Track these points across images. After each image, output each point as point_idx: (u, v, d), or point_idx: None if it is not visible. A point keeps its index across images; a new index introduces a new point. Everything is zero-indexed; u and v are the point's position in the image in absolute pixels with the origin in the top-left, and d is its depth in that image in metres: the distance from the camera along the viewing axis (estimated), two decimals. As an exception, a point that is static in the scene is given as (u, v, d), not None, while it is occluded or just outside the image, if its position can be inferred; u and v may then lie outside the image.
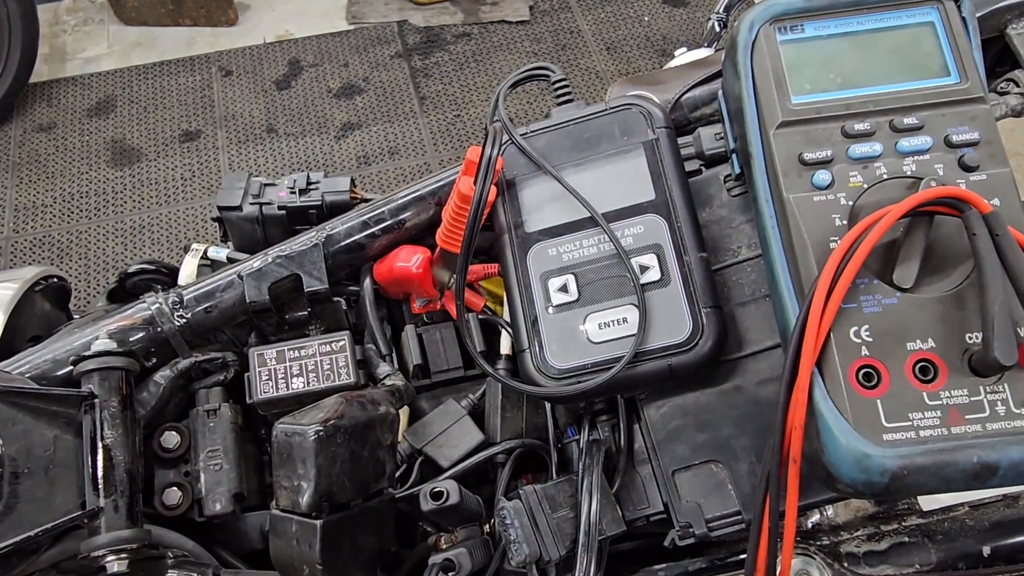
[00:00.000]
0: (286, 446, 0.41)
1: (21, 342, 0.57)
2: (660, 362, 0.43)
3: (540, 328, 0.46)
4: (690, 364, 0.43)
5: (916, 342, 0.38)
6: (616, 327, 0.45)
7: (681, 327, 0.44)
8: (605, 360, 0.44)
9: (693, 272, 0.45)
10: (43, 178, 2.13)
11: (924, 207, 0.39)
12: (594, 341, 0.45)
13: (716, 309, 0.44)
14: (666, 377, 0.44)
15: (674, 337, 0.44)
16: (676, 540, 0.46)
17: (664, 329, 0.44)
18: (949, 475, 0.36)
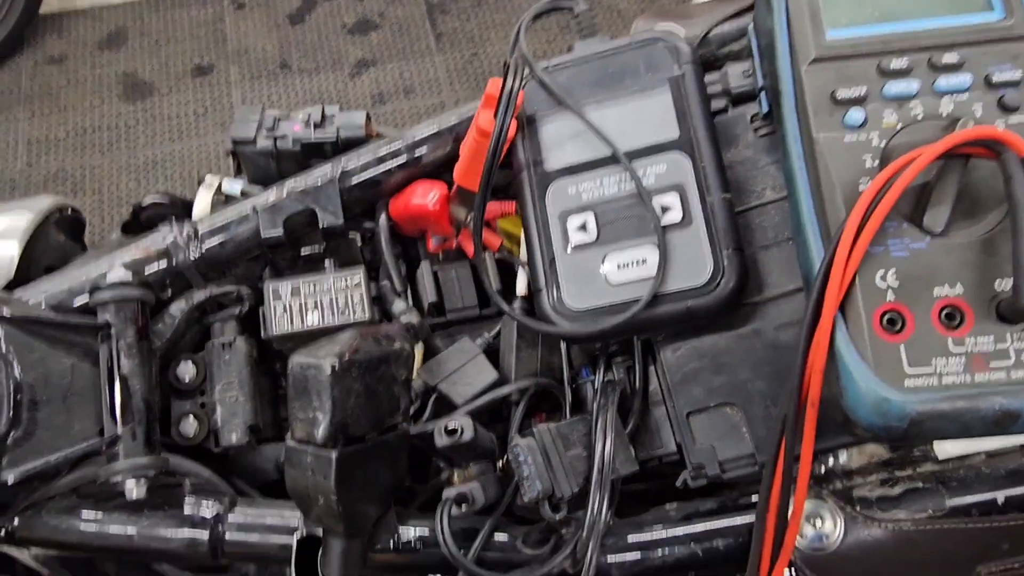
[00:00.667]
0: (301, 379, 0.41)
1: (36, 273, 0.57)
2: (679, 304, 0.43)
3: (557, 268, 0.45)
4: (710, 307, 0.43)
5: (943, 287, 0.37)
6: (635, 268, 0.44)
7: (702, 269, 0.43)
8: (623, 301, 0.43)
9: (716, 213, 0.44)
10: (55, 111, 2.12)
11: (960, 148, 0.37)
12: (612, 282, 0.44)
13: (738, 251, 0.43)
14: (685, 320, 0.43)
15: (694, 279, 0.43)
16: (688, 481, 0.46)
17: (684, 271, 0.43)
18: (970, 421, 0.36)
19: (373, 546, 0.47)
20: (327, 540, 0.44)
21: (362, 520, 0.44)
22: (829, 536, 0.43)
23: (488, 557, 0.46)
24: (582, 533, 0.43)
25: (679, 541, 0.46)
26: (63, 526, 0.48)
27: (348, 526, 0.43)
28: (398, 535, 0.47)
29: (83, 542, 0.48)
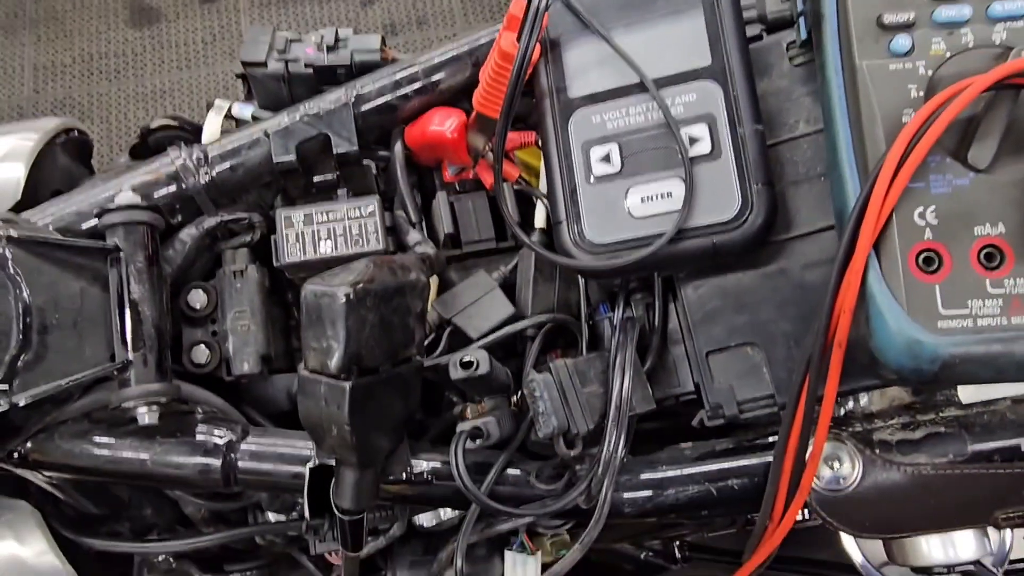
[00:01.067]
0: (315, 307, 0.40)
1: (44, 196, 0.56)
2: (704, 240, 0.41)
3: (579, 199, 0.43)
4: (736, 243, 0.41)
5: (985, 226, 0.36)
6: (660, 201, 0.42)
7: (729, 204, 0.41)
8: (646, 236, 0.42)
9: (746, 145, 0.42)
10: (61, 36, 2.07)
11: (1011, 79, 0.35)
12: (635, 215, 0.42)
13: (768, 186, 0.42)
14: (710, 256, 0.42)
15: (721, 214, 0.41)
16: (705, 420, 0.45)
17: (711, 205, 0.41)
18: (1004, 365, 0.35)
19: (386, 477, 0.47)
20: (339, 470, 0.44)
21: (375, 451, 0.44)
22: (846, 478, 0.42)
23: (501, 491, 0.46)
24: (597, 470, 0.42)
25: (693, 480, 0.45)
26: (76, 450, 0.48)
27: (361, 456, 0.43)
28: (411, 467, 0.47)
29: (96, 467, 0.48)
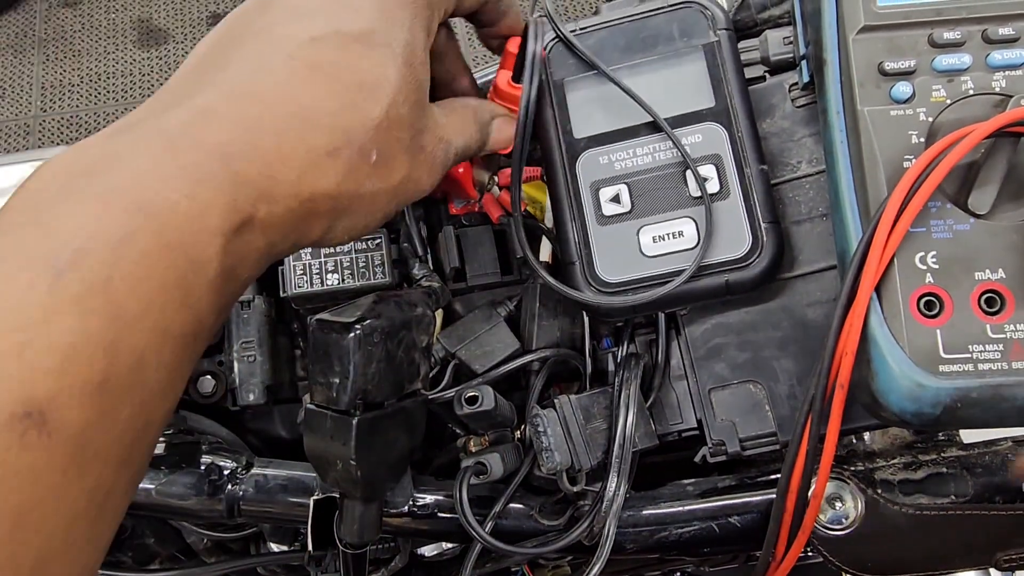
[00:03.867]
0: (323, 343, 0.40)
1: (54, 223, 0.56)
2: (718, 278, 0.42)
3: (591, 240, 0.44)
4: (747, 281, 0.42)
5: (985, 272, 0.36)
6: (672, 240, 0.43)
7: (740, 242, 0.42)
8: (660, 274, 0.43)
9: (753, 185, 0.42)
10: (69, 56, 2.10)
11: (1012, 127, 0.36)
12: (648, 254, 0.43)
13: (775, 224, 0.42)
14: (722, 293, 0.42)
15: (733, 252, 0.42)
16: (707, 456, 0.46)
17: (723, 244, 0.42)
18: (1004, 410, 0.35)
19: (388, 510, 0.47)
20: (344, 503, 0.44)
21: (379, 484, 0.44)
22: (848, 517, 0.43)
23: (504, 526, 0.46)
24: (600, 507, 0.42)
25: (696, 516, 0.45)
26: (81, 479, 0.48)
27: (365, 490, 0.43)
28: (414, 500, 0.47)
29: (101, 495, 0.48)
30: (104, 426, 0.25)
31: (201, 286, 0.27)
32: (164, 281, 0.26)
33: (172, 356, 0.27)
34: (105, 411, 0.25)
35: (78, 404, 0.24)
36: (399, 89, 0.32)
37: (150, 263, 0.26)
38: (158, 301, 0.26)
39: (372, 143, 0.32)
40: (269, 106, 0.30)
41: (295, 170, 0.30)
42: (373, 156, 0.32)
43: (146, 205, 0.26)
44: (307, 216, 0.31)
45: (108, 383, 0.25)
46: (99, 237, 0.25)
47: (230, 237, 0.28)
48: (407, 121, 0.33)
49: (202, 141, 0.28)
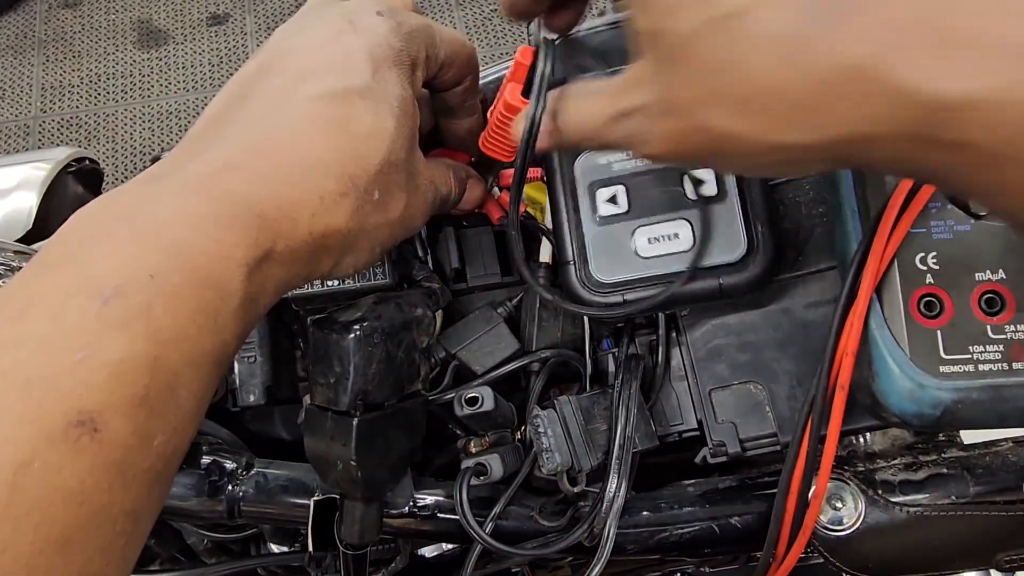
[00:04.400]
0: (323, 343, 0.40)
1: (55, 225, 0.56)
2: (711, 280, 0.42)
3: (586, 241, 0.44)
4: (742, 284, 0.42)
5: (986, 272, 0.36)
6: (667, 242, 0.43)
7: (735, 245, 0.42)
8: (653, 276, 0.43)
9: (751, 188, 0.42)
10: (69, 57, 2.10)
11: (1011, 129, 0.36)
12: (643, 256, 0.43)
13: (772, 228, 0.42)
14: (716, 296, 0.42)
15: (727, 255, 0.42)
16: (708, 457, 0.46)
17: (717, 246, 0.42)
18: (1005, 411, 0.35)
19: (389, 511, 0.47)
20: (344, 504, 0.44)
21: (380, 485, 0.44)
22: (849, 518, 0.43)
23: (504, 526, 0.46)
24: (601, 508, 0.42)
25: (696, 518, 0.45)
26: (81, 480, 0.48)
27: (366, 491, 0.43)
28: (414, 500, 0.47)
29: (101, 496, 0.48)
30: (144, 445, 0.28)
31: (227, 313, 0.30)
32: (195, 309, 0.29)
33: (201, 380, 0.30)
34: (146, 428, 0.27)
35: (123, 416, 0.27)
36: (396, 136, 0.36)
37: (183, 294, 0.29)
38: (191, 327, 0.29)
39: (374, 184, 0.35)
40: (286, 158, 0.33)
41: (310, 211, 0.33)
42: (376, 195, 0.36)
43: (177, 245, 0.29)
44: (319, 250, 0.34)
45: (149, 399, 0.27)
46: (138, 272, 0.28)
47: (252, 269, 0.31)
48: (403, 164, 0.37)
49: (226, 190, 0.31)
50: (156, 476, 0.29)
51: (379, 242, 0.38)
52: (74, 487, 0.25)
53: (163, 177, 0.32)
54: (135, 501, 0.28)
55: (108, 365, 0.26)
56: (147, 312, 0.28)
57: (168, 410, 0.28)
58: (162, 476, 0.29)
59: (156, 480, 0.29)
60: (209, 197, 0.31)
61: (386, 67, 0.37)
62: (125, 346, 0.27)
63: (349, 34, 0.37)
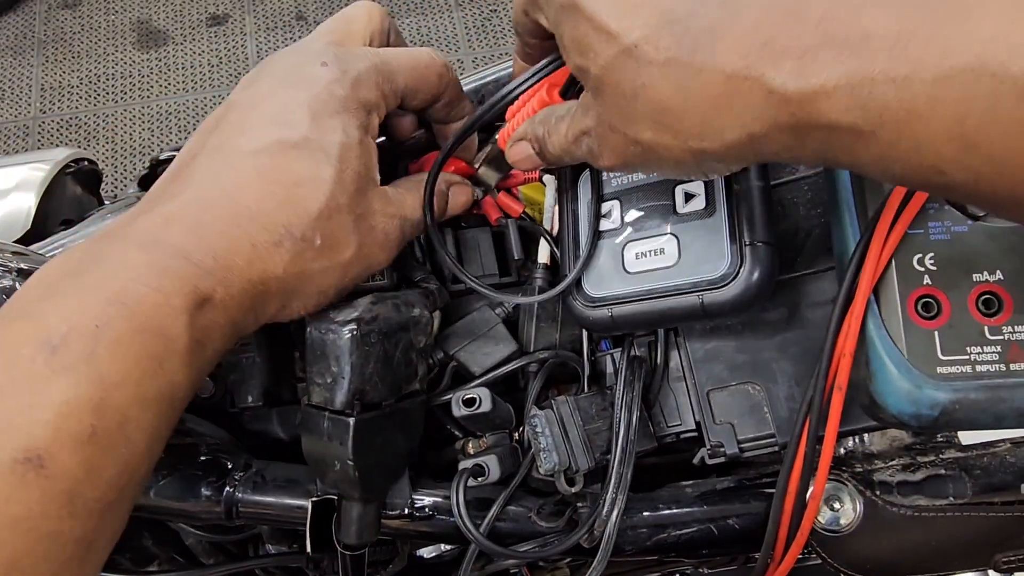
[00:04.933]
0: (320, 343, 0.40)
1: (53, 225, 0.56)
2: (692, 298, 0.41)
3: (581, 255, 0.44)
4: (724, 302, 0.40)
5: (983, 273, 0.36)
6: (653, 257, 0.43)
7: (718, 261, 0.40)
8: (637, 291, 0.42)
9: (745, 203, 0.41)
10: (69, 58, 2.10)
11: (1009, 129, 0.36)
12: (630, 271, 0.43)
13: (765, 245, 0.40)
14: (699, 315, 0.41)
15: (710, 272, 0.40)
16: (706, 458, 0.46)
17: (700, 263, 0.41)
18: (1002, 412, 0.35)
19: (386, 512, 0.47)
20: (342, 504, 0.44)
21: (377, 485, 0.44)
22: (847, 519, 0.43)
23: (502, 528, 0.46)
24: (601, 510, 0.42)
25: (694, 519, 0.45)
26: (79, 480, 0.48)
27: (364, 491, 0.43)
28: (412, 501, 0.47)
29: (98, 497, 0.48)
30: (93, 478, 0.30)
31: (173, 357, 0.33)
32: (139, 353, 0.31)
33: (151, 419, 0.32)
34: (94, 463, 0.30)
35: (70, 452, 0.29)
36: (335, 183, 0.38)
37: (126, 340, 0.31)
38: (135, 370, 0.31)
39: (314, 231, 0.37)
40: (217, 210, 0.36)
41: (244, 259, 0.35)
42: (317, 241, 0.38)
43: (119, 296, 0.32)
44: (261, 296, 0.37)
45: (96, 436, 0.30)
46: (83, 323, 0.31)
47: (193, 314, 0.33)
48: (347, 208, 0.39)
49: (164, 242, 0.34)
50: (108, 506, 0.31)
51: (330, 285, 0.40)
52: (21, 515, 0.28)
53: (113, 233, 0.35)
54: (86, 529, 0.30)
55: (54, 406, 0.29)
56: (91, 358, 0.30)
57: (118, 446, 0.31)
58: (115, 506, 0.31)
59: (108, 510, 0.31)
60: (148, 249, 0.34)
61: (326, 116, 0.39)
62: (70, 389, 0.30)
63: (290, 87, 0.39)
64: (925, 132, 0.25)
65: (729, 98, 0.28)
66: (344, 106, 0.39)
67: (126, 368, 0.31)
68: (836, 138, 0.27)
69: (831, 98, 0.26)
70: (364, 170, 0.40)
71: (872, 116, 0.25)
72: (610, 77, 0.31)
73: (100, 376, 0.30)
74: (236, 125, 0.39)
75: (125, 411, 0.31)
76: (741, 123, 0.28)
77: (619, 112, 0.32)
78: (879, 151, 0.26)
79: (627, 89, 0.31)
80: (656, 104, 0.30)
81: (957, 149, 0.24)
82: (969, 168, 0.25)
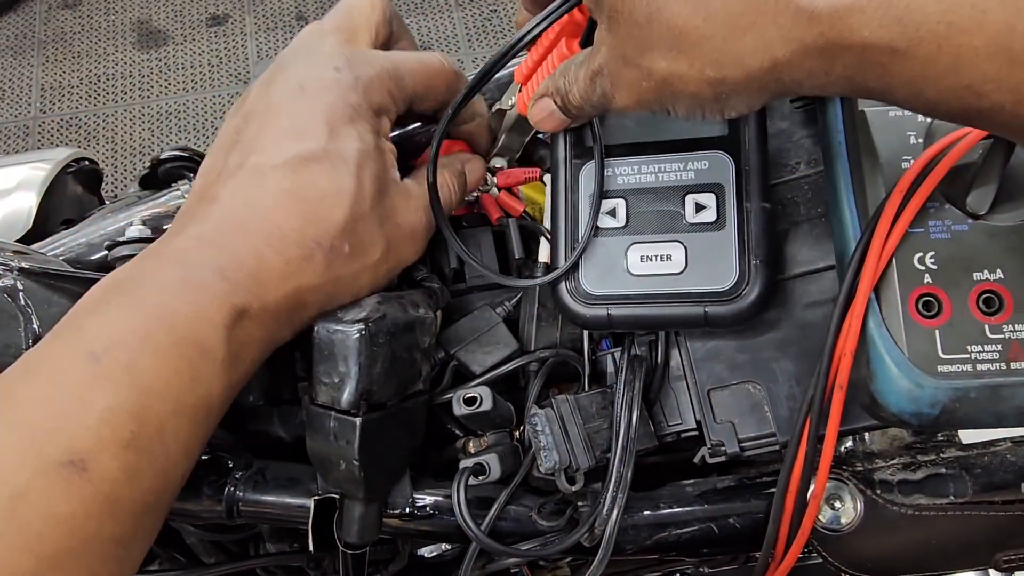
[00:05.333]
0: (328, 342, 0.40)
1: (54, 225, 0.56)
2: (696, 308, 0.41)
3: (579, 245, 0.44)
4: (727, 315, 0.41)
5: (983, 272, 0.36)
6: (658, 262, 0.43)
7: (725, 275, 0.41)
8: (639, 294, 0.43)
9: (751, 221, 0.42)
10: (69, 58, 2.10)
11: (1009, 129, 0.36)
12: (633, 273, 0.43)
13: (768, 265, 0.41)
14: (700, 324, 0.42)
15: (717, 285, 0.41)
16: (706, 457, 0.46)
17: (707, 274, 0.42)
18: (1003, 411, 0.35)
19: (387, 511, 0.47)
20: (345, 503, 0.44)
21: (381, 485, 0.44)
22: (847, 518, 0.43)
23: (502, 527, 0.46)
24: (602, 509, 0.42)
25: (695, 518, 0.45)
26: (80, 480, 0.48)
27: (367, 491, 0.43)
28: (413, 500, 0.47)
29: (100, 496, 0.48)
30: (132, 482, 0.31)
31: (210, 368, 0.34)
32: (178, 365, 0.33)
33: (188, 427, 0.34)
34: (133, 468, 0.31)
35: (111, 457, 0.31)
36: (357, 191, 0.39)
37: (165, 352, 0.33)
38: (174, 380, 0.33)
39: (342, 240, 0.38)
40: (248, 231, 0.37)
41: (278, 275, 0.37)
42: (346, 249, 0.39)
43: (159, 311, 0.33)
44: (297, 306, 0.38)
45: (136, 442, 0.31)
46: (125, 335, 0.32)
47: (230, 328, 0.35)
48: (371, 214, 0.40)
49: (199, 261, 0.35)
50: (146, 509, 0.32)
51: (363, 286, 0.41)
52: (65, 515, 0.29)
53: (150, 254, 0.37)
54: (124, 530, 0.31)
55: (97, 413, 0.31)
56: (132, 368, 0.32)
57: (156, 453, 0.32)
58: (152, 509, 0.33)
59: (146, 512, 0.32)
60: (184, 268, 0.35)
61: (342, 124, 0.39)
62: (112, 397, 0.31)
63: (305, 97, 0.39)
64: (968, 46, 0.23)
65: (752, 18, 0.26)
66: (358, 113, 0.40)
67: (165, 378, 0.32)
68: (868, 58, 0.25)
69: (865, 13, 0.24)
70: (383, 173, 0.41)
71: (909, 31, 0.23)
72: (625, 3, 0.29)
73: (140, 385, 0.32)
74: (255, 140, 0.39)
75: (164, 419, 0.32)
76: (765, 46, 0.26)
77: (633, 42, 0.30)
78: (914, 71, 0.24)
79: (640, 15, 0.29)
80: (672, 28, 0.28)
81: (1001, 65, 0.22)
82: (1012, 87, 0.23)
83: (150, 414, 0.32)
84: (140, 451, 0.31)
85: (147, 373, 0.32)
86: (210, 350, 0.34)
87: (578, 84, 0.36)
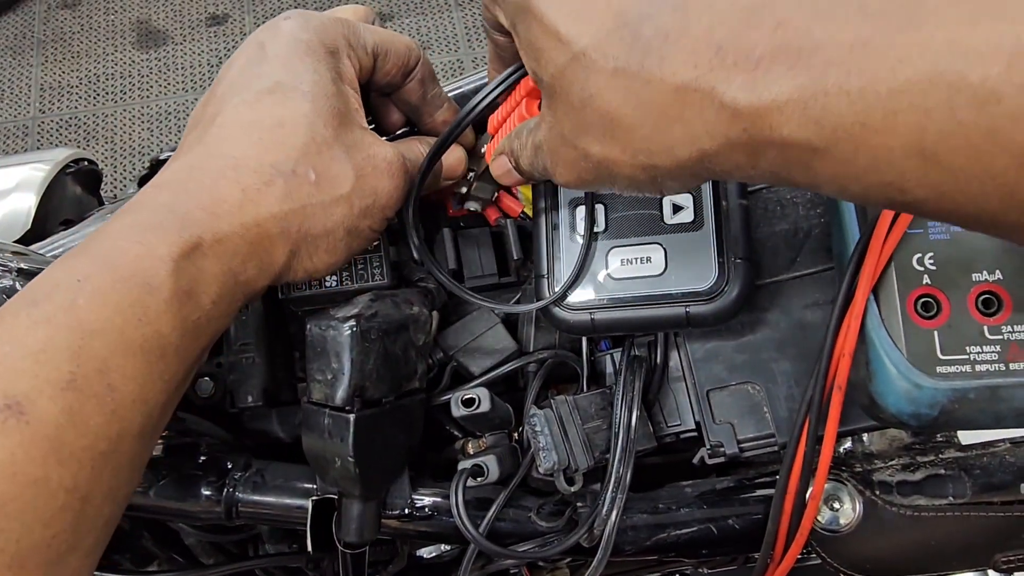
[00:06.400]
0: (320, 339, 0.40)
1: (53, 225, 0.56)
2: (678, 308, 0.42)
3: (561, 255, 0.44)
4: (708, 314, 0.41)
5: (982, 273, 0.36)
6: (638, 265, 0.43)
7: (705, 275, 0.42)
8: (620, 298, 0.43)
9: (729, 220, 0.42)
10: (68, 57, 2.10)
11: (1008, 129, 0.36)
12: (614, 277, 0.43)
13: (747, 262, 0.42)
14: (682, 324, 0.42)
15: (697, 284, 0.42)
16: (706, 458, 0.46)
17: (687, 274, 0.42)
18: (1002, 412, 0.35)
19: (386, 512, 0.47)
20: (343, 502, 0.44)
21: (378, 483, 0.44)
22: (847, 519, 0.43)
23: (501, 528, 0.46)
24: (601, 510, 0.42)
25: (694, 519, 0.45)
26: (79, 480, 0.48)
27: (364, 489, 0.43)
28: (412, 500, 0.47)
29: (98, 497, 0.48)
30: (77, 425, 0.30)
31: (157, 305, 0.33)
32: (119, 302, 0.32)
33: (137, 367, 0.32)
34: (76, 409, 0.30)
35: (49, 398, 0.30)
36: (316, 116, 0.38)
37: (106, 289, 0.32)
38: (116, 318, 0.32)
39: (304, 165, 0.38)
40: (203, 167, 0.37)
41: (234, 204, 0.36)
42: (311, 175, 0.38)
43: (103, 253, 0.33)
44: (259, 238, 0.36)
45: (76, 383, 0.30)
46: (65, 279, 0.32)
47: (179, 263, 0.33)
48: (336, 141, 0.39)
49: (153, 205, 0.35)
50: (100, 456, 0.31)
51: (337, 223, 0.39)
52: (4, 460, 0.28)
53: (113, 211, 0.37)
54: (77, 479, 0.30)
55: (32, 355, 0.30)
56: (70, 308, 0.31)
57: (101, 394, 0.31)
58: (109, 458, 0.31)
59: (100, 460, 0.31)
60: (135, 212, 0.35)
61: (296, 59, 0.39)
62: (47, 337, 0.30)
63: (259, 46, 0.41)
64: (883, 147, 0.23)
65: (680, 110, 0.26)
66: (310, 48, 0.40)
67: (105, 316, 0.31)
68: (791, 156, 0.25)
69: (783, 113, 0.24)
70: (344, 108, 0.40)
71: (827, 131, 0.24)
72: (560, 85, 0.30)
73: (78, 325, 0.31)
74: (218, 95, 0.40)
75: (106, 359, 0.31)
76: (692, 138, 0.27)
77: (569, 123, 0.30)
78: (835, 169, 0.25)
79: (576, 99, 0.29)
80: (604, 115, 0.28)
81: (917, 164, 0.23)
82: (931, 184, 0.23)
83: (90, 354, 0.31)
84: (82, 392, 0.30)
85: (85, 311, 0.31)
86: (156, 287, 0.33)
87: (525, 152, 0.37)
